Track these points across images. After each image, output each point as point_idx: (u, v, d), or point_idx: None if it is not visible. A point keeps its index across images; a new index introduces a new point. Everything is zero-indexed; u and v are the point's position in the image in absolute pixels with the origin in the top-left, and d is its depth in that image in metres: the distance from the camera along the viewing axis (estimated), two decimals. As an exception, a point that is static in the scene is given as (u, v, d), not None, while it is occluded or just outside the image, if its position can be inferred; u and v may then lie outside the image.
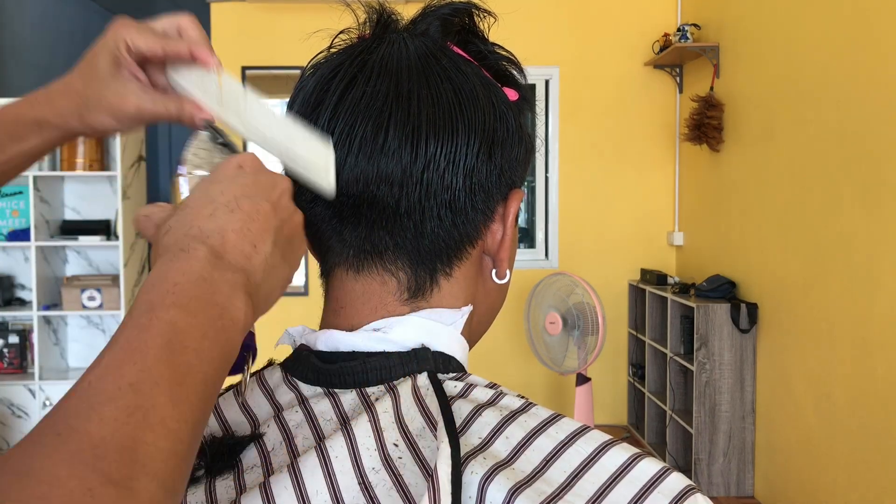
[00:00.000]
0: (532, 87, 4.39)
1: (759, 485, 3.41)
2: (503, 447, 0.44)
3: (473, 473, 0.41)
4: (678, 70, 4.35)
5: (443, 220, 0.49)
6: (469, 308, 0.53)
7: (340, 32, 0.54)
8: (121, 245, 3.86)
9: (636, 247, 4.46)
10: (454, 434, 0.43)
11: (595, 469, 0.42)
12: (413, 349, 0.49)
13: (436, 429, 0.44)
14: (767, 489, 3.33)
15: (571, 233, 4.46)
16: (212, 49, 0.53)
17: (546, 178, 4.50)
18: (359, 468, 0.43)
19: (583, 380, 3.48)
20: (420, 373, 0.48)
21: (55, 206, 4.05)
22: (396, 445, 0.44)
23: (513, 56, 0.55)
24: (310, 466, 0.43)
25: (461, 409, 0.46)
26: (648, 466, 0.42)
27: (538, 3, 4.37)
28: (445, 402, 0.46)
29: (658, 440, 4.04)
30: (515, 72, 0.55)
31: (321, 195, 0.50)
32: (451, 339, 0.51)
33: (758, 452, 3.42)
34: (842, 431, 2.72)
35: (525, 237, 4.59)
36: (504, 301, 0.58)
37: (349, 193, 0.49)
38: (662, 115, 4.43)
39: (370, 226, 0.49)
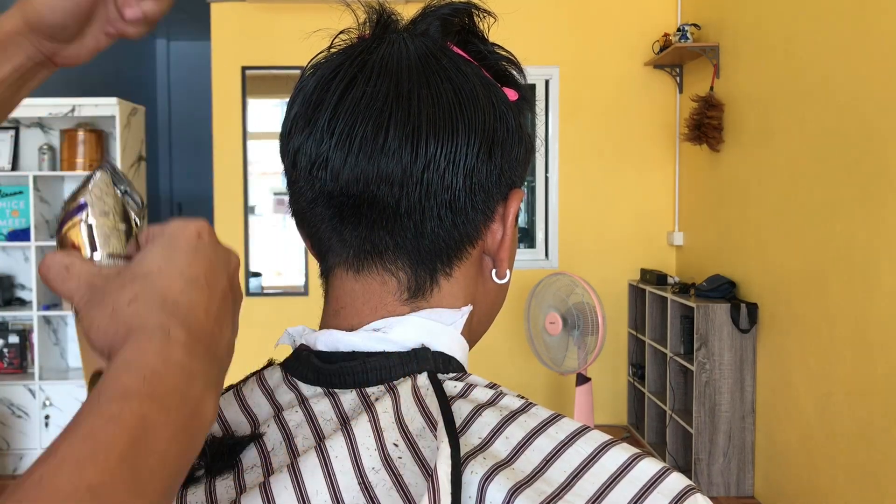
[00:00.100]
0: (532, 87, 4.39)
1: (759, 485, 3.41)
2: (503, 447, 0.44)
3: (473, 473, 0.41)
4: (678, 70, 4.35)
5: (443, 220, 0.49)
6: (469, 308, 0.53)
7: (340, 32, 0.54)
8: (121, 245, 3.86)
9: (636, 247, 4.46)
10: (454, 434, 0.43)
11: (595, 469, 0.42)
12: (413, 349, 0.49)
13: (436, 429, 0.44)
14: (767, 489, 3.33)
15: (571, 233, 4.46)
16: None
17: (546, 178, 4.50)
18: (359, 468, 0.43)
19: (583, 380, 3.48)
20: (420, 373, 0.48)
21: (55, 206, 4.05)
22: (396, 445, 0.44)
23: (512, 56, 0.55)
24: (310, 466, 0.43)
25: (461, 409, 0.46)
26: (648, 466, 0.42)
27: (538, 3, 4.37)
28: (445, 402, 0.46)
29: (658, 440, 4.04)
30: (515, 72, 0.55)
31: None
32: (451, 339, 0.51)
33: (758, 452, 3.42)
34: (842, 431, 2.72)
35: (525, 237, 4.59)
36: (504, 301, 0.58)
37: (349, 193, 0.49)
38: (662, 115, 4.43)
39: (370, 226, 0.49)
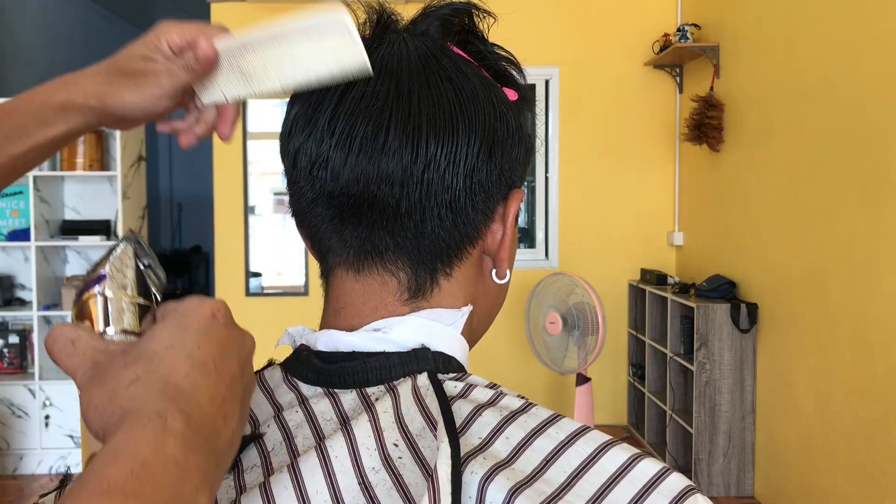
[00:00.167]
0: (532, 87, 4.39)
1: (759, 485, 3.41)
2: (503, 447, 0.44)
3: (473, 473, 0.41)
4: (678, 70, 4.35)
5: (443, 220, 0.49)
6: (469, 308, 0.53)
7: (340, 32, 0.54)
8: (121, 245, 3.86)
9: (636, 247, 4.46)
10: (454, 434, 0.43)
11: (595, 469, 0.42)
12: (413, 349, 0.49)
13: (436, 429, 0.44)
14: (767, 489, 3.33)
15: (571, 233, 4.46)
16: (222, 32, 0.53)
17: (546, 178, 4.50)
18: (359, 468, 0.43)
19: (583, 380, 3.49)
20: (420, 373, 0.48)
21: (55, 206, 4.05)
22: (396, 445, 0.44)
23: (512, 56, 0.55)
24: (310, 466, 0.43)
25: (461, 410, 0.46)
26: (648, 467, 0.42)
27: (538, 3, 4.37)
28: (445, 403, 0.46)
29: (658, 440, 4.04)
30: (515, 72, 0.55)
31: (359, 75, 0.48)
32: (451, 340, 0.51)
33: (758, 452, 3.42)
34: (842, 431, 2.72)
35: (525, 237, 4.59)
36: (504, 301, 0.58)
37: (349, 193, 0.49)
38: (662, 115, 4.43)
39: (370, 226, 0.49)
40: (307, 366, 0.51)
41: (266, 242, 4.55)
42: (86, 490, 0.30)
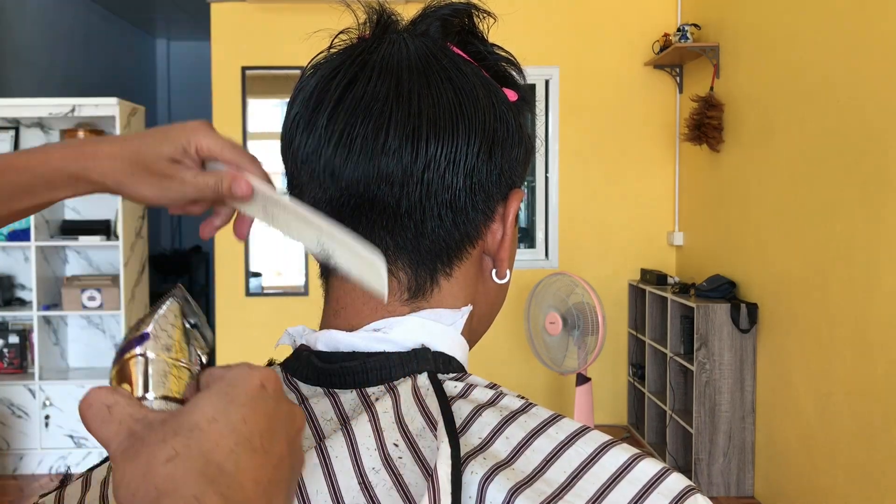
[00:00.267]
0: (532, 87, 4.39)
1: (759, 485, 3.41)
2: (503, 447, 0.44)
3: (473, 473, 0.41)
4: (678, 70, 4.35)
5: (443, 220, 0.49)
6: (469, 308, 0.53)
7: (340, 32, 0.54)
8: (121, 245, 3.87)
9: (636, 247, 4.46)
10: (454, 434, 0.43)
11: (595, 469, 0.42)
12: (413, 349, 0.49)
13: (436, 429, 0.44)
14: (767, 489, 3.33)
15: (571, 233, 4.47)
16: (263, 177, 0.53)
17: (546, 178, 4.50)
18: (359, 468, 0.43)
19: (583, 380, 3.49)
20: (420, 373, 0.48)
21: (55, 206, 4.05)
22: (396, 445, 0.44)
23: (512, 57, 0.55)
24: (310, 466, 0.43)
25: (461, 410, 0.46)
26: (648, 467, 0.42)
27: (538, 3, 4.37)
28: (445, 403, 0.46)
29: (658, 440, 4.04)
30: (515, 72, 0.55)
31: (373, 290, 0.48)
32: (451, 340, 0.51)
33: (758, 452, 3.42)
34: (842, 431, 2.72)
35: (525, 237, 4.59)
36: (504, 301, 0.58)
37: (350, 193, 0.49)
38: (662, 115, 4.43)
39: (370, 226, 0.49)
40: (307, 366, 0.51)
41: (266, 242, 4.55)
42: None
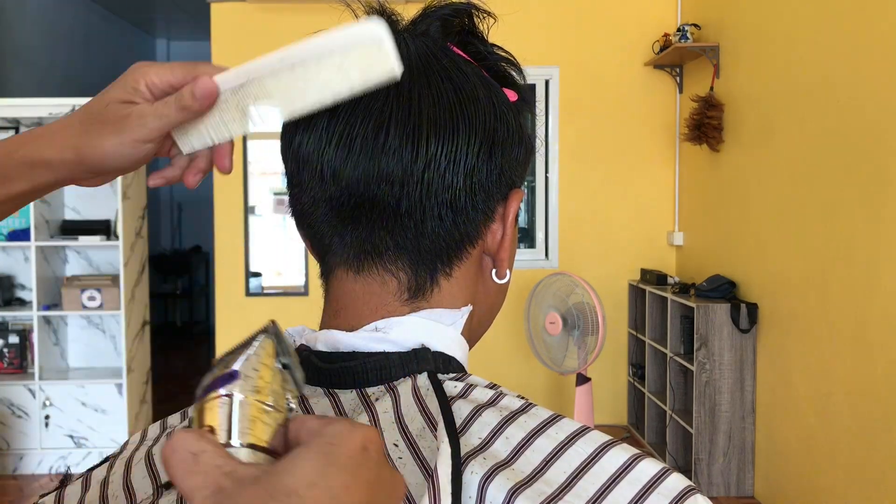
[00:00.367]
0: (532, 88, 4.39)
1: (759, 485, 3.41)
2: (503, 447, 0.44)
3: (473, 473, 0.41)
4: (678, 70, 4.35)
5: (443, 220, 0.49)
6: (469, 308, 0.53)
7: (340, 32, 0.54)
8: (121, 245, 3.87)
9: (636, 247, 4.46)
10: (454, 434, 0.43)
11: (595, 469, 0.42)
12: (413, 349, 0.49)
13: (436, 429, 0.44)
14: (767, 489, 3.33)
15: (571, 233, 4.47)
16: (218, 70, 0.49)
17: (546, 178, 4.50)
18: (359, 468, 0.43)
19: (583, 380, 3.49)
20: (420, 373, 0.48)
21: (55, 206, 4.05)
22: (396, 445, 0.44)
23: (512, 57, 0.55)
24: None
25: (461, 410, 0.46)
26: (648, 467, 0.42)
27: (538, 3, 4.37)
28: (445, 403, 0.46)
29: (658, 440, 4.04)
30: (515, 73, 0.55)
31: (386, 78, 0.46)
32: (451, 340, 0.51)
33: (758, 452, 3.42)
34: (842, 431, 2.72)
35: (525, 237, 4.59)
36: (504, 301, 0.58)
37: (350, 193, 0.49)
38: (662, 115, 4.43)
39: (370, 226, 0.49)
40: (307, 365, 0.51)
41: (266, 242, 4.55)
42: None
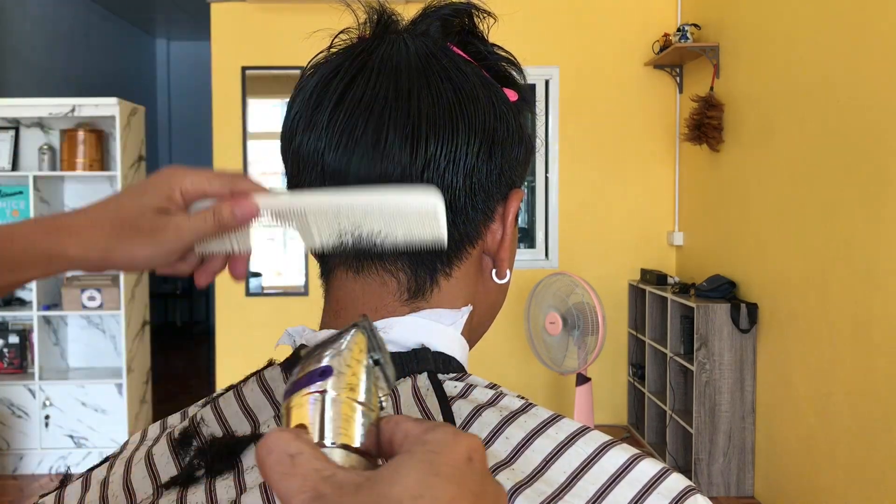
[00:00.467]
0: (532, 88, 4.39)
1: (759, 485, 3.41)
2: (503, 448, 0.44)
3: (473, 473, 0.41)
4: (678, 70, 4.35)
5: (443, 220, 0.49)
6: (469, 308, 0.53)
7: (340, 32, 0.54)
8: (121, 245, 3.86)
9: (636, 247, 4.46)
10: (454, 434, 0.43)
11: (595, 470, 0.42)
12: (413, 349, 0.49)
13: (436, 429, 0.44)
14: (767, 489, 3.33)
15: (571, 233, 4.47)
16: (258, 188, 0.48)
17: (546, 178, 4.50)
18: (359, 468, 0.43)
19: (583, 380, 3.48)
20: (420, 373, 0.48)
21: (55, 206, 4.05)
22: (396, 445, 0.44)
23: (512, 57, 0.55)
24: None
25: (461, 410, 0.46)
26: (648, 467, 0.42)
27: (538, 3, 4.37)
28: (445, 403, 0.46)
29: (658, 440, 4.04)
30: (515, 73, 0.55)
31: (429, 242, 0.45)
32: (451, 340, 0.51)
33: (758, 452, 3.42)
34: (842, 431, 2.72)
35: (525, 237, 4.59)
36: (504, 301, 0.58)
37: (349, 193, 0.49)
38: (662, 115, 4.43)
39: (370, 226, 0.49)
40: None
41: (266, 242, 4.55)
42: None
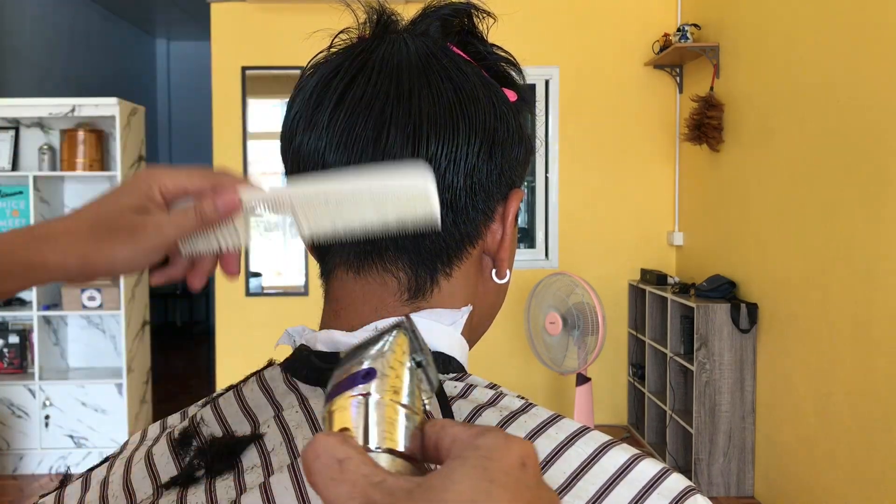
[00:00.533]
0: (532, 87, 4.39)
1: (759, 485, 3.41)
2: (503, 448, 0.44)
3: (473, 474, 0.41)
4: (678, 70, 4.35)
5: (443, 220, 0.49)
6: (469, 308, 0.53)
7: (340, 32, 0.54)
8: (121, 245, 3.86)
9: (636, 247, 4.46)
10: (454, 434, 0.43)
11: (595, 470, 0.42)
12: (413, 349, 0.49)
13: (436, 429, 0.44)
14: (767, 489, 3.33)
15: (571, 233, 4.47)
16: (241, 182, 0.47)
17: (546, 178, 4.50)
18: (359, 468, 0.43)
19: (583, 380, 3.48)
20: (420, 373, 0.48)
21: (55, 206, 4.05)
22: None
23: (512, 57, 0.55)
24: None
25: (461, 410, 0.46)
26: (648, 467, 0.42)
27: (538, 3, 4.37)
28: (445, 403, 0.45)
29: (658, 440, 4.04)
30: (514, 73, 0.55)
31: (426, 226, 0.45)
32: (451, 340, 0.51)
33: (758, 452, 3.42)
34: (842, 431, 2.72)
35: (525, 237, 4.59)
36: (504, 301, 0.58)
37: (349, 193, 0.48)
38: (662, 115, 4.43)
39: (370, 226, 0.49)
40: (307, 366, 0.51)
41: (266, 242, 4.55)
42: None
